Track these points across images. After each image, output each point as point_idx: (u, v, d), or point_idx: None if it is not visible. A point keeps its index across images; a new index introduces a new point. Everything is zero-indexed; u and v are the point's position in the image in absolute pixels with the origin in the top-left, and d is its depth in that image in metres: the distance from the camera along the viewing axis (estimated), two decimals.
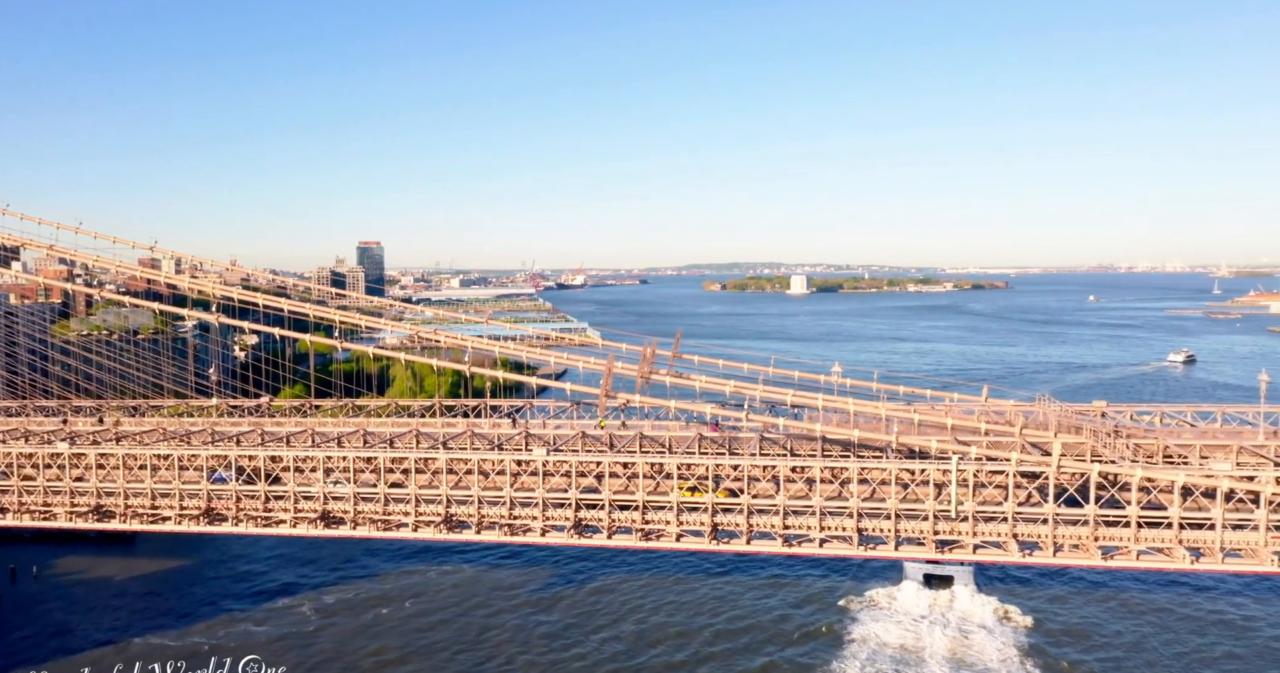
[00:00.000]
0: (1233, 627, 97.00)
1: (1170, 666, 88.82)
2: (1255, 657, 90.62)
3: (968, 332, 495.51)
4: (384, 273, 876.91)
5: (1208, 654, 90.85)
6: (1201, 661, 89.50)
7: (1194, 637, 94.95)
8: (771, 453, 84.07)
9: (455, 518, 74.93)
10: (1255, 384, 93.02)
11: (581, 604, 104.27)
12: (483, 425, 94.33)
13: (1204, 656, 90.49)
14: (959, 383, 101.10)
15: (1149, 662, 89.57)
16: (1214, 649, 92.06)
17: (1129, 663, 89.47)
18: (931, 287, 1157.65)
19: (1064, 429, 78.58)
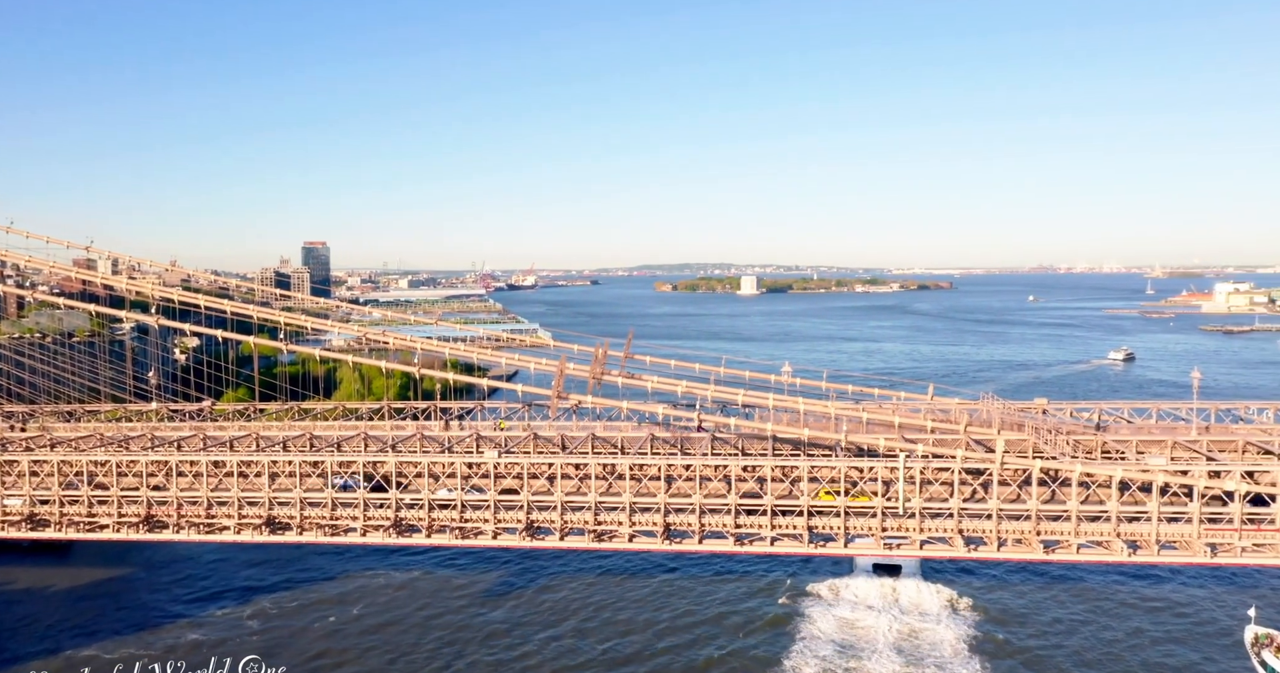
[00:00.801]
0: (1164, 611, 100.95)
1: (1105, 649, 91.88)
2: (1185, 637, 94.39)
3: (914, 331, 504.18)
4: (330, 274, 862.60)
5: (1140, 637, 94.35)
6: (1134, 646, 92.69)
7: (1128, 620, 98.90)
8: (723, 453, 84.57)
9: (406, 522, 74.01)
10: (1189, 381, 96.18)
11: (530, 603, 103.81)
12: (433, 428, 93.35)
13: (1137, 640, 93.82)
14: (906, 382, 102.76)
15: (1086, 644, 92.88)
16: (1147, 633, 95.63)
17: (1068, 645, 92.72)
18: (879, 287, 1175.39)
19: (1007, 426, 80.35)
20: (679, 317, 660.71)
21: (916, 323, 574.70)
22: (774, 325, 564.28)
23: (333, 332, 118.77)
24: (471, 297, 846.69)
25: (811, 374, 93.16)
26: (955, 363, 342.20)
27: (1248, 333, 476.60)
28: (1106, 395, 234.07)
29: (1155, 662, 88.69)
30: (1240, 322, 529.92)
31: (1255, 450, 78.72)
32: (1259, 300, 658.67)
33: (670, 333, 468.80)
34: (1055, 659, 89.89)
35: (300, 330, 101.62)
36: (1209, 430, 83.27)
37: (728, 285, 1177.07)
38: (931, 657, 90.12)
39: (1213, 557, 65.38)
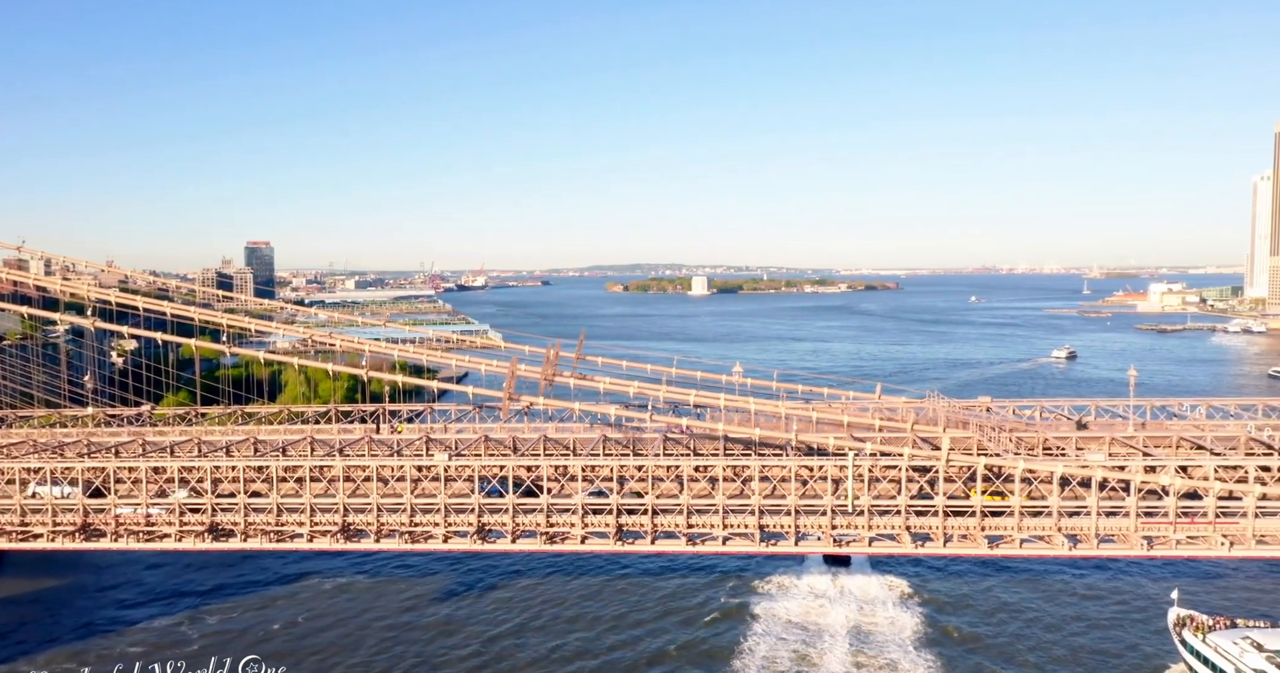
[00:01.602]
0: (1097, 596, 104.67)
1: (1043, 633, 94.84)
2: (1116, 620, 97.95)
3: (862, 331, 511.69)
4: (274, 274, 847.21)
5: (1076, 622, 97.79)
6: (1070, 630, 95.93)
7: (1064, 606, 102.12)
8: (675, 453, 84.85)
9: (353, 527, 72.90)
10: (1126, 379, 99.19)
11: (478, 604, 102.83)
12: (381, 431, 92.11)
13: (1072, 624, 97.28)
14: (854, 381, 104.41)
15: (1025, 629, 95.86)
16: (1082, 617, 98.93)
17: (1009, 629, 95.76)
18: (827, 288, 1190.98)
19: (952, 425, 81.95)
20: (631, 317, 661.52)
21: (864, 323, 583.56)
22: (725, 326, 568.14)
23: (277, 334, 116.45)
24: (420, 297, 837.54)
25: (762, 374, 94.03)
26: (902, 362, 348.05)
27: (1180, 331, 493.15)
28: (1048, 393, 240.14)
29: (1089, 645, 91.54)
30: (1173, 321, 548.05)
31: (1188, 446, 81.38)
32: (1191, 300, 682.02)
33: (622, 334, 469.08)
34: (998, 643, 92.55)
35: (243, 333, 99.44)
36: (1145, 427, 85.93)
37: (679, 286, 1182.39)
38: (882, 643, 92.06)
39: (1149, 550, 67.49)
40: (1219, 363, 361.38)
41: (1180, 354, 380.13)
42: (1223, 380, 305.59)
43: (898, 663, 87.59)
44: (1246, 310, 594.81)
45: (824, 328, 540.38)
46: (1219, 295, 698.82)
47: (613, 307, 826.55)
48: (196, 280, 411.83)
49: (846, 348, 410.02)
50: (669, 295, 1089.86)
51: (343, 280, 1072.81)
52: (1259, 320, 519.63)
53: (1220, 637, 79.34)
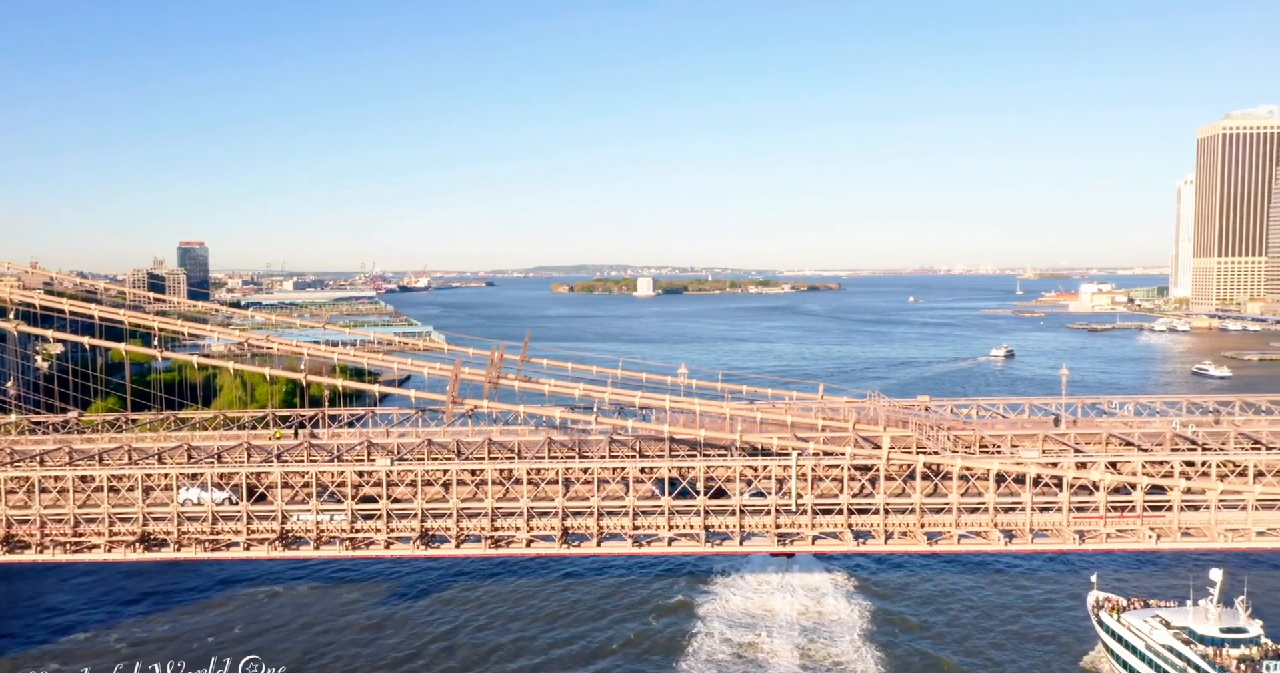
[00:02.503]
0: (1025, 583, 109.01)
1: (975, 618, 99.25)
2: (1041, 604, 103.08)
3: (804, 332, 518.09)
4: (209, 275, 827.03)
5: (1005, 607, 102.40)
6: (1000, 615, 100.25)
7: (994, 591, 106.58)
8: (621, 455, 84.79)
9: (292, 534, 71.33)
10: (1059, 378, 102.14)
11: (422, 613, 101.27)
12: (321, 436, 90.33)
13: (1002, 610, 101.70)
14: (797, 381, 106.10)
15: (959, 613, 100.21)
16: (1011, 601, 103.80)
17: (943, 614, 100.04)
18: (771, 288, 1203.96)
19: (892, 423, 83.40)
20: (576, 318, 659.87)
21: (807, 323, 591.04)
22: (670, 326, 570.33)
23: (212, 337, 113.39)
24: (361, 299, 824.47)
25: (707, 375, 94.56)
26: (844, 361, 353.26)
27: (1110, 331, 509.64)
28: (986, 391, 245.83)
29: (1019, 629, 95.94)
30: (1103, 320, 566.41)
31: (1117, 443, 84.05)
32: (1119, 300, 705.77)
33: (567, 335, 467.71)
34: (933, 627, 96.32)
35: (176, 336, 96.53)
36: (1076, 424, 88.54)
37: (624, 287, 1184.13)
38: (827, 631, 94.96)
39: (1081, 544, 69.56)
40: (1146, 361, 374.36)
41: (1110, 353, 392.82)
42: (1150, 378, 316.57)
43: (842, 650, 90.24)
44: (1172, 310, 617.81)
45: (768, 328, 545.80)
46: (1146, 296, 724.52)
47: (558, 308, 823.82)
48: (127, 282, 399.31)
49: (790, 348, 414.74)
50: (614, 296, 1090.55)
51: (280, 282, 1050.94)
52: (1183, 320, 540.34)
53: (1133, 616, 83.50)
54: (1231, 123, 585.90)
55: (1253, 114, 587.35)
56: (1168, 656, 77.38)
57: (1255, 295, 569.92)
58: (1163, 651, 78.00)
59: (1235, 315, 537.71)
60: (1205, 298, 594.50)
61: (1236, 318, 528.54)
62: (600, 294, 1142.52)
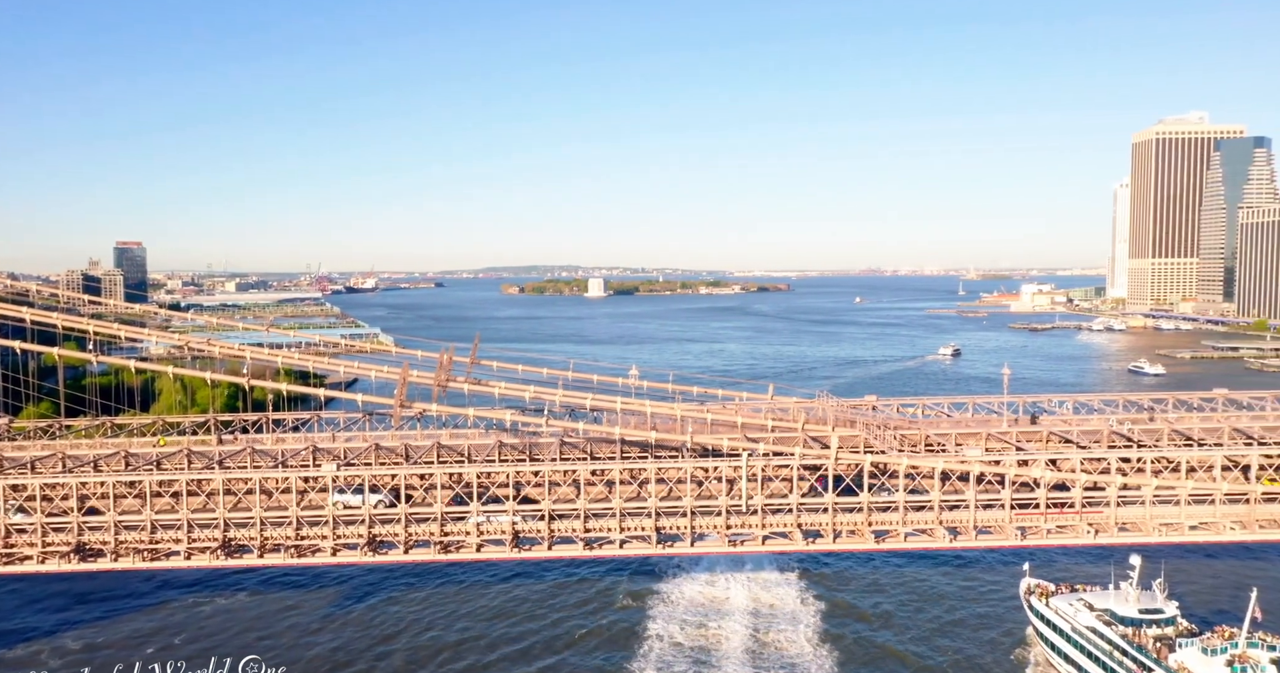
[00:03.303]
0: (962, 570, 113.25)
1: (916, 604, 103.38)
2: (978, 590, 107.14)
3: (754, 332, 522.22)
4: (147, 276, 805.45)
5: (944, 594, 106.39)
6: (938, 602, 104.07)
7: (935, 579, 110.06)
8: (572, 457, 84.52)
9: (234, 542, 69.74)
10: (1002, 377, 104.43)
11: (373, 621, 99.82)
12: (265, 441, 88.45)
13: (942, 596, 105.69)
14: (747, 381, 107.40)
15: (901, 599, 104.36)
16: (949, 588, 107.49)
17: (886, 602, 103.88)
18: (721, 289, 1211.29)
19: (840, 423, 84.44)
20: (526, 319, 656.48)
21: (757, 324, 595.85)
22: (621, 327, 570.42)
23: (150, 340, 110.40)
24: (307, 300, 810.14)
25: (658, 376, 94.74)
26: (793, 361, 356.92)
27: (1050, 330, 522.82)
28: (931, 390, 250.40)
29: (958, 616, 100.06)
30: (1043, 320, 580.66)
31: (1057, 440, 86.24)
32: (1059, 300, 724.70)
33: (518, 336, 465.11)
34: (876, 613, 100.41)
35: (112, 339, 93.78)
36: (1018, 422, 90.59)
37: (575, 288, 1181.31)
38: (777, 618, 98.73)
39: (1023, 540, 71.23)
40: (1084, 359, 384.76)
41: (1050, 351, 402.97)
42: (1088, 376, 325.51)
43: (792, 637, 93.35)
44: (1109, 310, 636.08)
45: (718, 329, 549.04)
46: (1084, 296, 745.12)
47: (508, 309, 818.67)
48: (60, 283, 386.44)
49: (740, 348, 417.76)
50: (565, 297, 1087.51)
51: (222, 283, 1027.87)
52: (1120, 319, 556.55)
53: (1060, 601, 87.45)
54: (1164, 128, 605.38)
55: (1184, 120, 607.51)
56: (1091, 636, 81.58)
57: (1187, 295, 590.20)
58: (1086, 632, 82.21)
59: (1168, 315, 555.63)
60: (1140, 298, 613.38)
61: (1170, 317, 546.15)
62: (551, 295, 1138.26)
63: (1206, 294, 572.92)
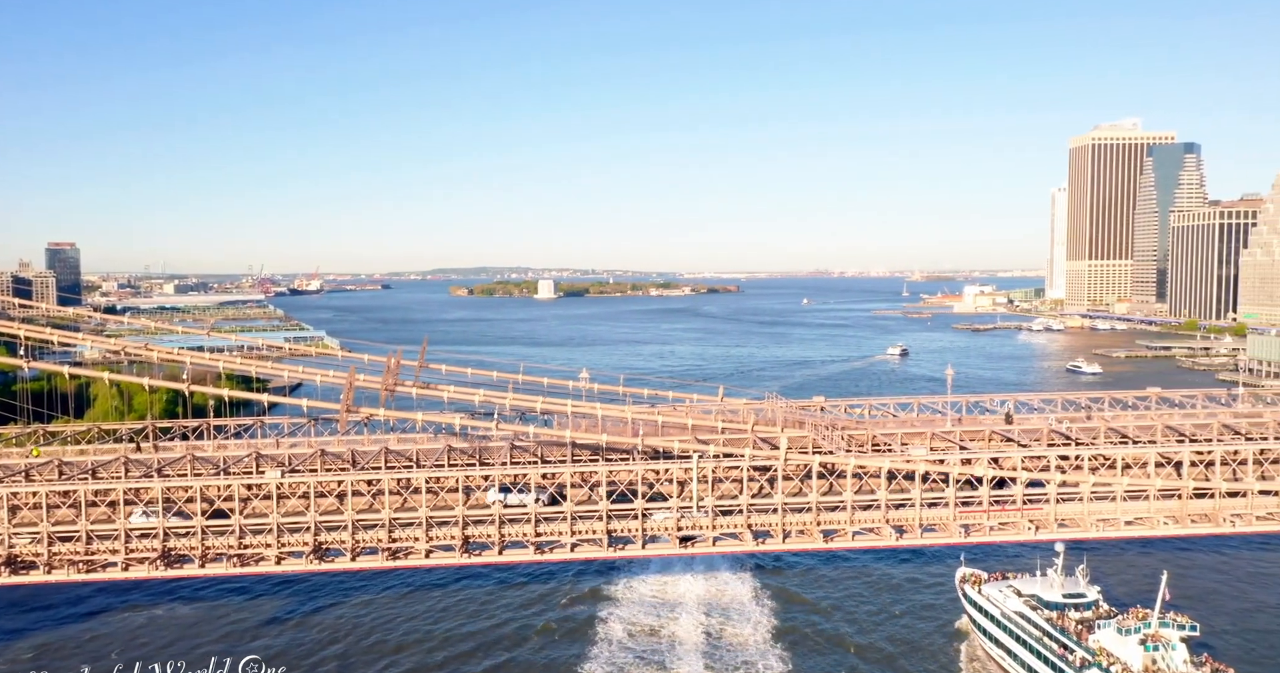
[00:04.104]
0: (910, 564, 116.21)
1: (859, 593, 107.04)
2: (916, 579, 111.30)
3: (704, 333, 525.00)
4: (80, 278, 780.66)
5: (883, 582, 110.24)
6: (888, 594, 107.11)
7: (875, 569, 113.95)
8: (522, 461, 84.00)
9: (175, 552, 67.93)
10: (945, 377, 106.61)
11: (314, 625, 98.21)
12: (206, 448, 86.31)
13: (882, 586, 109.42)
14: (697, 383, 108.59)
15: (847, 590, 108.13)
16: (888, 578, 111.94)
17: (834, 591, 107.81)
18: (671, 290, 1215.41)
19: (789, 424, 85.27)
20: (476, 321, 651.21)
21: (707, 325, 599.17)
22: (572, 329, 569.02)
23: (84, 345, 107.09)
24: (249, 302, 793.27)
25: (609, 379, 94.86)
26: (743, 362, 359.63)
27: (991, 330, 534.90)
28: (878, 390, 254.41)
29: (900, 605, 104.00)
30: (985, 320, 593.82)
31: (999, 439, 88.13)
32: (1000, 301, 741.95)
33: (467, 339, 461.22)
34: (823, 603, 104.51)
35: (44, 344, 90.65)
36: (961, 422, 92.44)
37: (525, 289, 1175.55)
38: (727, 609, 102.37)
39: (966, 537, 72.68)
40: (1025, 359, 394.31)
41: (992, 351, 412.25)
42: (1028, 375, 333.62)
43: (742, 626, 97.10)
44: (1048, 310, 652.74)
45: (669, 330, 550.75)
46: (1024, 297, 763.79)
47: (457, 311, 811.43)
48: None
49: (690, 350, 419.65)
50: (515, 299, 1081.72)
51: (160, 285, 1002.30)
52: (1058, 319, 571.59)
53: (990, 588, 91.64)
54: (1100, 134, 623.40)
55: (1119, 126, 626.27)
56: (1018, 621, 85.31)
57: (1122, 296, 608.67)
58: (1014, 616, 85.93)
59: (1104, 315, 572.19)
60: (1078, 299, 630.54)
61: (1105, 317, 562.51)
62: (501, 297, 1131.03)
63: (1140, 295, 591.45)
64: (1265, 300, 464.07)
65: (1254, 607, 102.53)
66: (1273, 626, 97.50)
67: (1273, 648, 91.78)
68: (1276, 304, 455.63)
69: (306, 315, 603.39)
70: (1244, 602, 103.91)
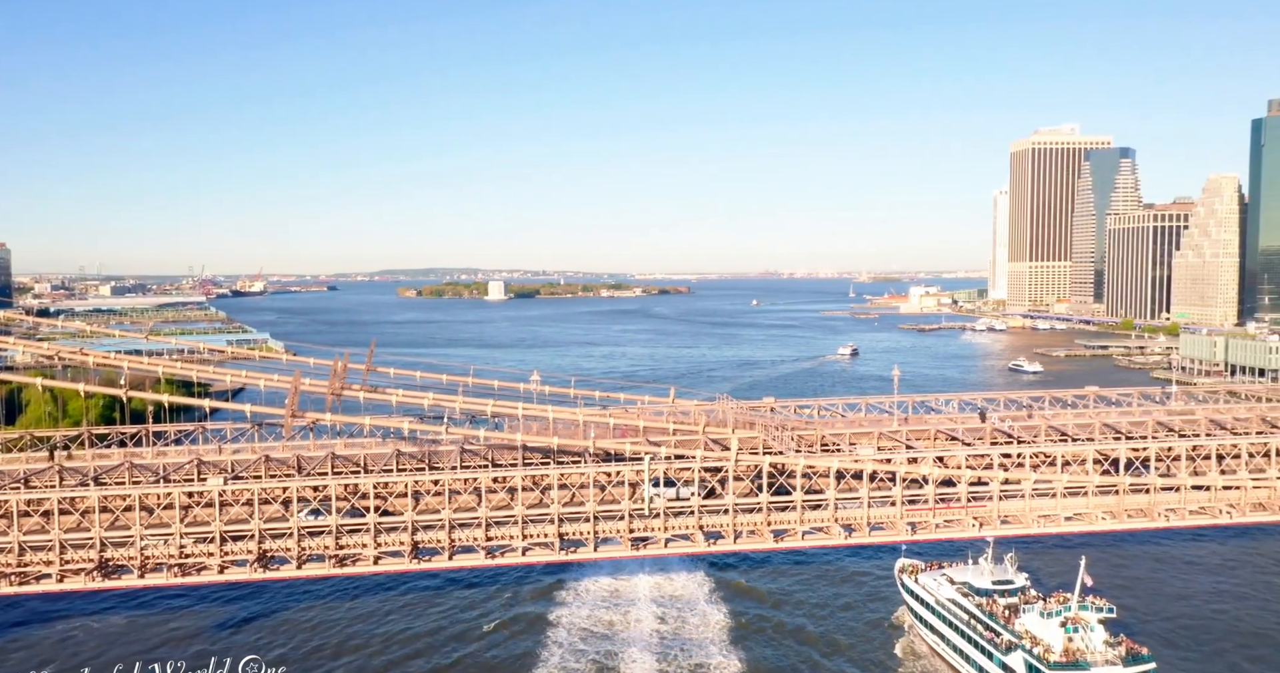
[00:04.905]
0: (856, 557, 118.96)
1: (805, 584, 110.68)
2: (860, 571, 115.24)
3: (656, 335, 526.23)
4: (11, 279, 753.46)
5: (829, 574, 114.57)
6: (833, 585, 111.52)
7: (821, 561, 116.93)
8: (473, 465, 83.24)
9: (112, 562, 65.94)
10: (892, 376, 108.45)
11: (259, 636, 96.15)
12: (145, 455, 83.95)
13: (828, 577, 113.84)
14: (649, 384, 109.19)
15: (793, 582, 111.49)
16: (835, 569, 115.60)
17: (778, 582, 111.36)
18: (623, 292, 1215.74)
19: (740, 425, 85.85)
20: (425, 323, 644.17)
21: (658, 326, 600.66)
22: (523, 331, 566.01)
23: (15, 349, 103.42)
24: (189, 304, 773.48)
25: (560, 381, 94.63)
26: (694, 363, 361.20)
27: (936, 330, 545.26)
28: (828, 391, 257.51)
29: (846, 594, 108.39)
30: (930, 321, 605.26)
31: (944, 438, 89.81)
32: (945, 302, 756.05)
33: (416, 341, 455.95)
34: (769, 591, 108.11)
35: None
36: (907, 421, 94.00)
37: (475, 291, 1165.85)
38: (677, 601, 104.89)
39: (913, 535, 73.90)
40: (969, 358, 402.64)
41: (938, 351, 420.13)
42: (972, 374, 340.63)
43: (691, 617, 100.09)
44: (990, 311, 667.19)
45: (620, 332, 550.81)
46: (968, 297, 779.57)
47: (406, 312, 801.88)
48: None
49: (642, 351, 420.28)
50: (465, 300, 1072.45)
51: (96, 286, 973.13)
52: (1001, 320, 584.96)
53: (926, 577, 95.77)
54: (1039, 138, 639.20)
55: (1058, 131, 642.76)
56: (951, 607, 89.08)
57: (1061, 297, 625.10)
58: (947, 603, 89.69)
59: (1044, 315, 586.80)
60: (1019, 299, 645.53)
61: (1045, 317, 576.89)
62: (450, 298, 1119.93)
63: (1079, 296, 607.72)
64: (1196, 301, 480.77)
65: (1173, 592, 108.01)
66: (1187, 609, 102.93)
67: (1186, 629, 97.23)
68: (1207, 304, 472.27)
69: (250, 317, 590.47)
70: (1164, 587, 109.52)
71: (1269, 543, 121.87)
